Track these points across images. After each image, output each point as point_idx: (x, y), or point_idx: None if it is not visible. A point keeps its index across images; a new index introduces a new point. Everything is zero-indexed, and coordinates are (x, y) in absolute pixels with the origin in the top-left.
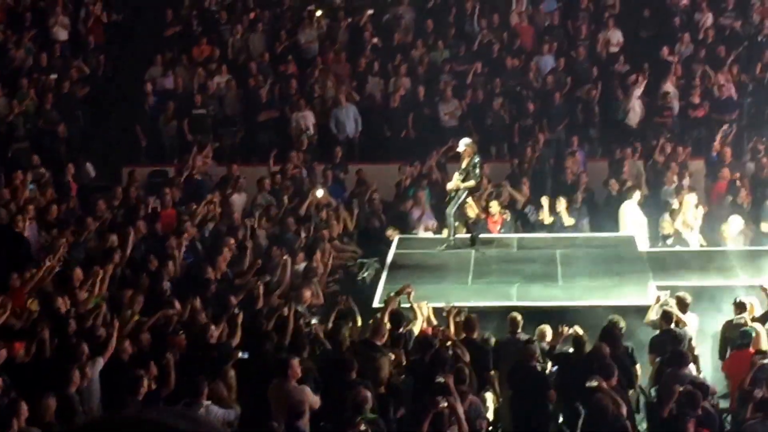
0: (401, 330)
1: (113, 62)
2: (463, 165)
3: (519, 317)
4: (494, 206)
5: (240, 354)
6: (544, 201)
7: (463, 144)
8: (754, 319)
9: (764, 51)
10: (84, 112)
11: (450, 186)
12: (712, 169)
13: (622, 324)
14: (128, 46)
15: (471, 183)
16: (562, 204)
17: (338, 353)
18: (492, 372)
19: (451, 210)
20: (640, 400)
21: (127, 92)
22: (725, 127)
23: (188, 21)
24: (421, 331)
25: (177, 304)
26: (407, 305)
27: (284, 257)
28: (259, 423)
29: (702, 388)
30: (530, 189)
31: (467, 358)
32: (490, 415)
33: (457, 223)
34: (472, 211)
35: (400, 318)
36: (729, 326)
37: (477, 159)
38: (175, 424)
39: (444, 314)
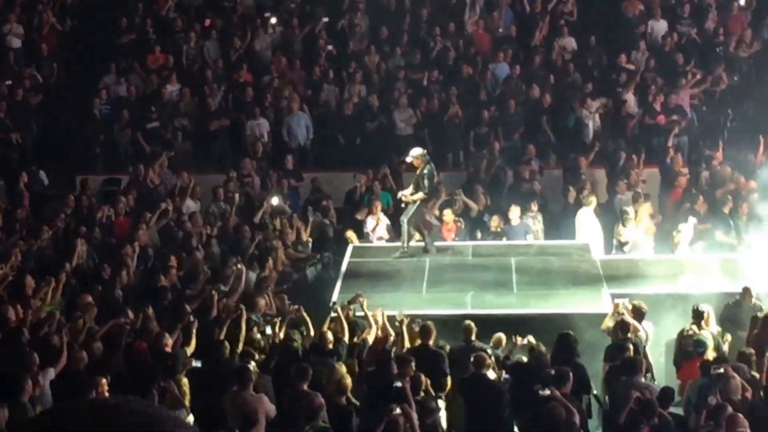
0: (355, 339)
1: (67, 70)
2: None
3: (473, 325)
4: (448, 214)
5: (193, 362)
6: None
7: (411, 155)
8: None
9: (719, 60)
10: (37, 119)
11: (399, 195)
12: (666, 176)
13: (577, 332)
14: (82, 54)
15: (420, 195)
16: (516, 212)
17: (291, 362)
18: (448, 378)
19: (404, 218)
20: (593, 406)
21: (80, 100)
22: (676, 130)
23: (143, 29)
24: (376, 341)
25: (130, 313)
26: (362, 314)
27: (239, 266)
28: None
29: (663, 396)
30: (486, 197)
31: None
32: (443, 423)
33: (411, 231)
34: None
35: (355, 327)
36: (684, 334)
37: (426, 170)
38: (127, 407)
39: (397, 323)
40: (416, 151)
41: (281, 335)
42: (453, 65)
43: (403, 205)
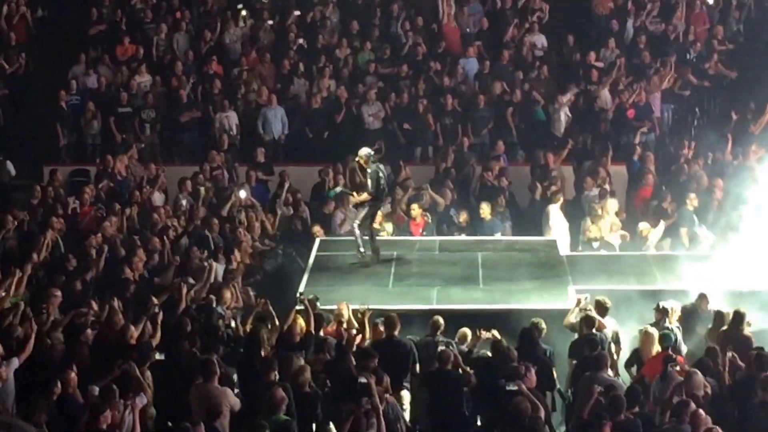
0: (321, 333)
1: (35, 60)
2: (361, 176)
3: (441, 320)
4: (415, 209)
5: (157, 355)
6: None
7: (358, 155)
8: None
9: (686, 58)
10: (5, 110)
11: (352, 200)
12: (633, 174)
13: (543, 326)
14: (51, 44)
15: (364, 196)
16: (486, 209)
17: (257, 355)
18: (416, 368)
19: (355, 222)
20: (557, 401)
21: (49, 90)
22: (643, 129)
23: (113, 19)
24: (333, 333)
25: (94, 305)
26: (329, 307)
27: (209, 260)
28: (176, 424)
29: (629, 395)
30: (453, 192)
31: (376, 357)
32: (407, 415)
33: (365, 236)
34: (375, 222)
35: (308, 320)
36: (645, 331)
37: (371, 170)
38: None
39: (359, 314)
40: (362, 152)
41: (247, 328)
42: (422, 60)
43: (353, 208)
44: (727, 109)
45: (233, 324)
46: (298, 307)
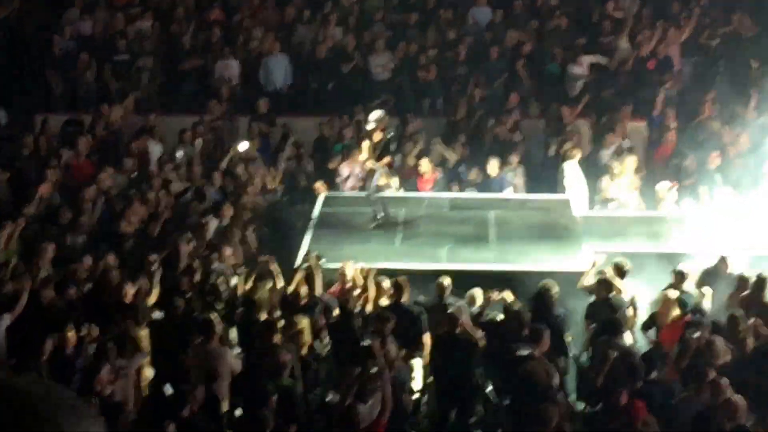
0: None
1: (28, 3)
2: (375, 140)
3: (447, 282)
4: (425, 164)
5: (155, 314)
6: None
7: (372, 120)
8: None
9: (712, 12)
10: None
11: (364, 161)
12: (653, 131)
13: (556, 290)
14: None
15: (388, 159)
16: (494, 164)
17: (258, 315)
18: (426, 336)
19: (373, 190)
20: (570, 366)
21: (41, 36)
22: (667, 84)
23: None
24: (336, 294)
25: (88, 260)
26: (333, 266)
27: (208, 217)
28: (174, 385)
29: (648, 360)
30: (466, 147)
31: (392, 321)
32: (419, 383)
33: (381, 200)
34: (384, 180)
35: (313, 280)
36: (664, 296)
37: (391, 133)
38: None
39: (363, 276)
40: (377, 115)
41: (247, 287)
42: (432, 8)
43: (366, 173)
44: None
45: (233, 281)
46: (304, 266)
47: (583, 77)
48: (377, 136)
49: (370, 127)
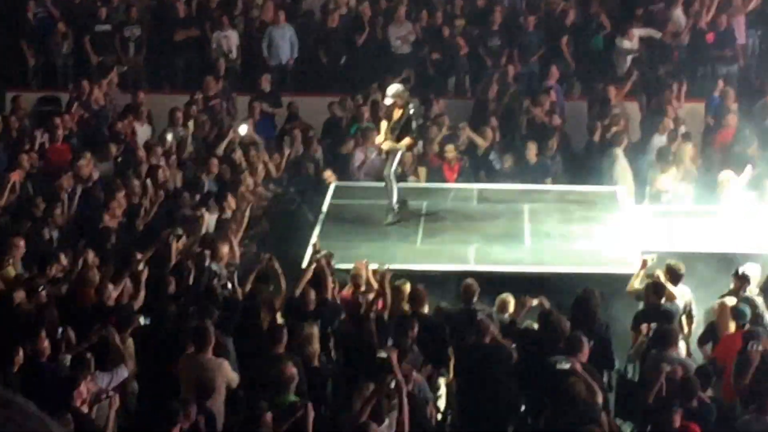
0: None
1: None
2: (395, 117)
3: (475, 285)
4: (450, 151)
5: (141, 319)
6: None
7: (391, 94)
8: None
9: None
10: None
11: (381, 144)
12: (713, 113)
13: (598, 295)
14: None
15: (408, 140)
16: (533, 150)
17: (259, 322)
18: (449, 351)
19: (389, 171)
20: (614, 380)
21: (13, 3)
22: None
23: None
24: (343, 298)
25: (63, 258)
26: (344, 266)
27: (202, 208)
28: (162, 401)
29: (700, 375)
30: (497, 131)
31: (415, 330)
32: (442, 401)
33: (398, 185)
34: (405, 165)
35: (324, 282)
36: (723, 303)
37: (412, 109)
38: None
39: (378, 278)
40: (396, 89)
41: (247, 289)
42: None
43: (383, 155)
44: None
45: (230, 284)
46: (313, 265)
47: (633, 52)
48: (396, 113)
49: (388, 102)
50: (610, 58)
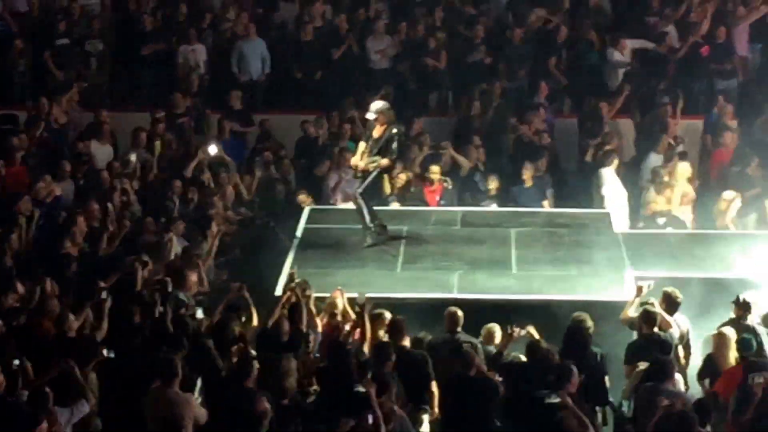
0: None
1: None
2: (375, 135)
3: (459, 313)
4: (435, 172)
5: (105, 352)
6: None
7: (375, 110)
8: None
9: None
10: None
11: (356, 163)
12: (711, 131)
13: (590, 324)
14: None
15: (385, 161)
16: (529, 170)
17: (226, 354)
18: (433, 384)
19: (359, 191)
20: (608, 416)
21: None
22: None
23: None
24: (325, 329)
25: (20, 287)
26: (320, 295)
27: (169, 234)
28: None
29: (698, 410)
30: (480, 151)
31: (393, 361)
32: None
33: (370, 206)
34: (387, 187)
35: (299, 312)
36: (723, 332)
37: (395, 129)
38: None
39: (357, 307)
40: (380, 105)
41: (215, 320)
42: None
43: (358, 174)
44: None
45: (199, 314)
46: (287, 295)
47: (624, 65)
48: (377, 131)
49: (370, 116)
50: (601, 72)
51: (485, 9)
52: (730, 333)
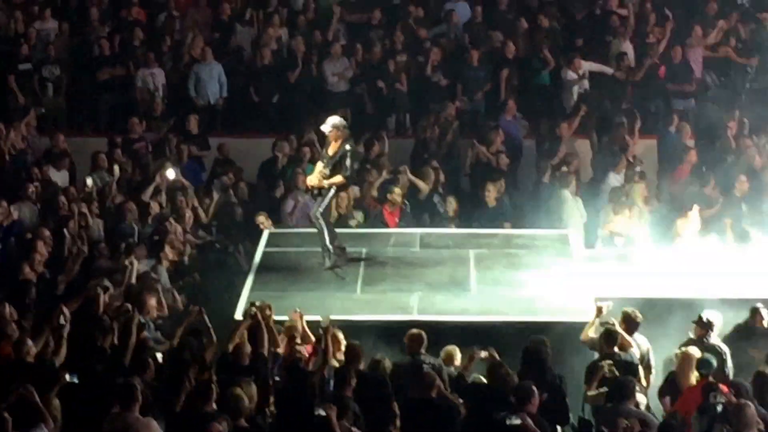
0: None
1: None
2: (330, 152)
3: (423, 335)
4: (397, 194)
5: (68, 377)
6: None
7: (330, 124)
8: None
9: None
10: None
11: (311, 181)
12: (667, 151)
13: (549, 345)
14: None
15: (339, 179)
16: (491, 192)
17: (188, 378)
18: (394, 405)
19: (318, 211)
20: None
21: None
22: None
23: None
24: (284, 351)
25: None
26: (279, 318)
27: (129, 258)
28: None
29: (664, 430)
30: (438, 173)
31: (353, 384)
32: None
33: (330, 228)
34: (341, 208)
35: (260, 335)
36: (684, 351)
37: (348, 146)
38: None
39: (320, 330)
40: (336, 120)
41: (175, 343)
42: (400, 4)
43: (314, 192)
44: None
45: (157, 338)
46: (248, 317)
47: (579, 83)
48: (332, 147)
49: (326, 129)
50: (557, 93)
51: (442, 31)
52: (695, 352)
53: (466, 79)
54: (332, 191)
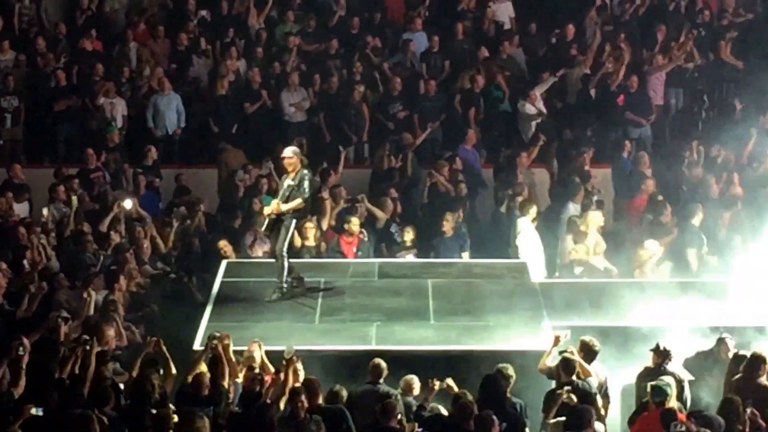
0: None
1: None
2: (289, 180)
3: (383, 364)
4: (355, 224)
5: (33, 410)
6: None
7: (289, 152)
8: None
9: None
10: None
11: (267, 210)
12: (623, 179)
13: (512, 373)
14: None
15: (297, 203)
16: (449, 222)
17: (145, 410)
18: None
19: (281, 246)
20: None
21: None
22: (642, 121)
23: None
24: (243, 382)
25: None
26: (237, 348)
27: (88, 290)
28: None
29: None
30: (396, 202)
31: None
32: None
33: (287, 260)
34: (307, 239)
35: (220, 365)
36: (645, 378)
37: (306, 171)
38: None
39: (283, 361)
40: (291, 149)
41: (133, 374)
42: (358, 34)
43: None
44: (748, 97)
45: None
46: (209, 350)
47: (536, 117)
48: (291, 176)
49: (287, 153)
50: (514, 122)
51: (399, 61)
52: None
53: (422, 109)
54: (293, 223)
